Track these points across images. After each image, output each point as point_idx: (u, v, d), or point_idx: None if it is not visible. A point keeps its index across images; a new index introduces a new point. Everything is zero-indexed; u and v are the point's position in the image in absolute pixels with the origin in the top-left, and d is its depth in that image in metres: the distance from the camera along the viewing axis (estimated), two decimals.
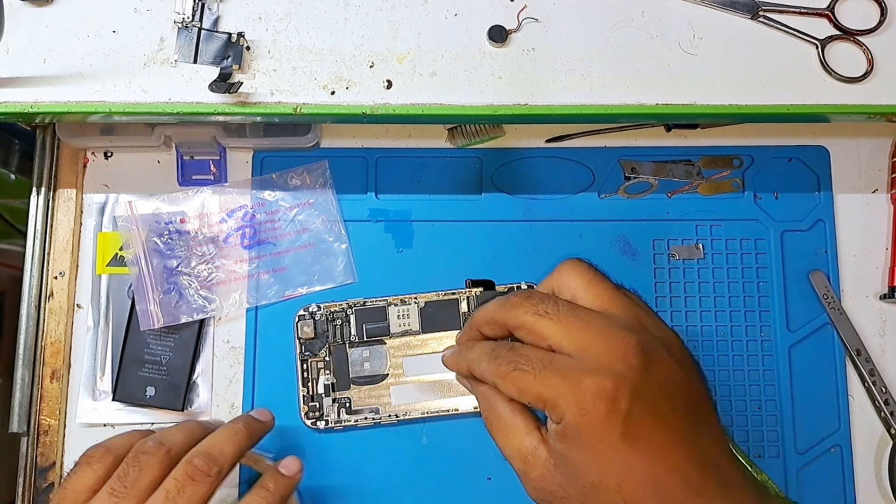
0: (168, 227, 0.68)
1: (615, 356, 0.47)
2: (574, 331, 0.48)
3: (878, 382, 0.68)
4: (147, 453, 0.53)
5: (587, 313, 0.49)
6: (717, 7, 0.61)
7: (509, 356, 0.49)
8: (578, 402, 0.46)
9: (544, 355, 0.48)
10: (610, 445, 0.46)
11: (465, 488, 0.66)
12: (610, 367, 0.46)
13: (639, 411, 0.46)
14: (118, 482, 0.52)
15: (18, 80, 0.58)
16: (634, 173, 0.71)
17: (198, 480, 0.53)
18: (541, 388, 0.47)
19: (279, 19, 0.60)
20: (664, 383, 0.47)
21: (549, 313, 0.49)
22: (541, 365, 0.48)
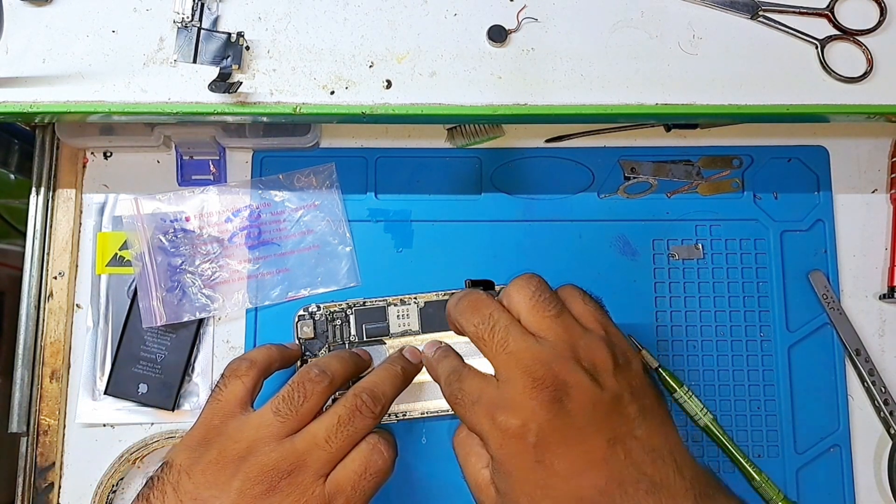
0: (173, 224, 0.68)
1: (527, 392, 0.51)
2: (499, 362, 0.53)
3: (877, 382, 0.68)
4: (312, 381, 0.57)
5: (517, 342, 0.53)
6: (717, 7, 0.61)
7: (455, 385, 0.55)
8: (495, 437, 0.51)
9: (476, 388, 0.53)
10: (529, 472, 0.50)
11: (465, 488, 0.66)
12: (521, 404, 0.51)
13: (549, 441, 0.50)
14: (284, 404, 0.55)
15: (18, 80, 0.58)
16: (634, 173, 0.71)
17: (364, 414, 0.56)
18: (471, 422, 0.53)
19: (279, 19, 0.60)
20: (577, 412, 0.50)
21: (484, 338, 0.54)
22: (471, 399, 0.53)
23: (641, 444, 0.51)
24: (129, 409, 0.67)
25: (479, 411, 0.52)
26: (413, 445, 0.67)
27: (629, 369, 0.54)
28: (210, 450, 0.54)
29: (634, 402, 0.52)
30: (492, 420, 0.51)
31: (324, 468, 0.54)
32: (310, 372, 0.57)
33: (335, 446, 0.54)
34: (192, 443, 0.55)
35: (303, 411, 0.55)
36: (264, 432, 0.54)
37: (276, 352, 0.61)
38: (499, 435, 0.51)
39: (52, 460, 0.67)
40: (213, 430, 0.56)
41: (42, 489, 0.67)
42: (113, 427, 0.68)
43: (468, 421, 0.54)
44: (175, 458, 0.55)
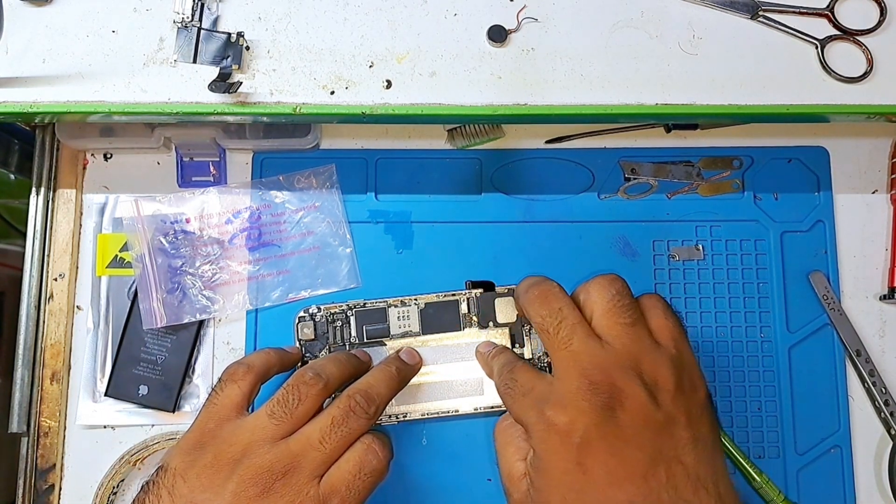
0: (174, 226, 0.68)
1: (580, 394, 0.51)
2: (558, 359, 0.53)
3: (878, 383, 0.68)
4: (307, 384, 0.57)
5: (581, 343, 0.53)
6: (717, 7, 0.61)
7: (506, 376, 0.57)
8: (540, 431, 0.51)
9: (528, 381, 0.55)
10: (566, 473, 0.50)
11: (465, 489, 0.66)
12: (572, 402, 0.51)
13: (594, 446, 0.50)
14: (279, 407, 0.56)
15: (18, 80, 0.58)
16: (634, 174, 0.71)
17: (357, 415, 0.56)
18: (518, 412, 0.54)
19: (279, 19, 0.60)
20: (626, 425, 0.50)
21: (548, 332, 0.54)
22: (522, 391, 0.54)
23: (686, 470, 0.51)
24: (130, 410, 0.67)
25: (528, 402, 0.53)
26: (413, 447, 0.66)
27: (692, 394, 0.54)
28: (205, 453, 0.54)
29: (689, 428, 0.52)
30: (539, 412, 0.52)
31: (318, 469, 0.54)
32: (305, 375, 0.58)
33: (329, 447, 0.54)
34: (187, 446, 0.55)
35: (297, 414, 0.56)
36: (259, 435, 0.54)
37: (274, 356, 0.62)
38: (544, 429, 0.51)
39: (53, 462, 0.67)
40: (208, 434, 0.56)
41: (42, 491, 0.66)
42: (113, 429, 0.68)
43: (515, 411, 0.55)
44: (170, 461, 0.55)
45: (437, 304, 0.67)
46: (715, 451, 0.53)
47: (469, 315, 0.66)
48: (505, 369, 0.57)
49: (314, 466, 0.54)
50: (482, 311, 0.66)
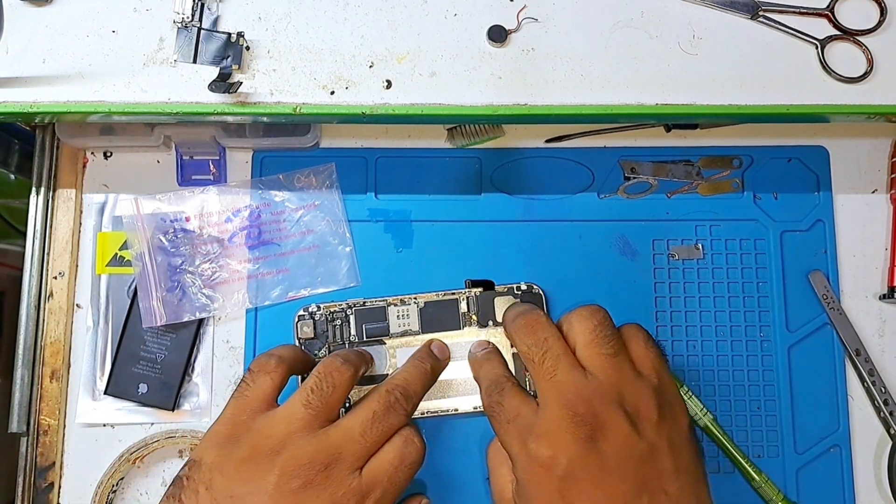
0: (173, 224, 0.68)
1: (563, 425, 0.51)
2: (542, 388, 0.54)
3: (877, 382, 0.68)
4: (339, 371, 0.57)
5: (565, 374, 0.53)
6: (717, 7, 0.61)
7: (495, 397, 0.56)
8: (523, 462, 0.52)
9: (515, 406, 0.55)
10: (549, 502, 0.51)
11: (465, 488, 0.66)
12: (556, 434, 0.51)
13: (577, 478, 0.50)
14: (314, 396, 0.55)
15: (18, 80, 0.58)
16: (634, 173, 0.70)
17: (397, 411, 0.57)
18: (503, 439, 0.55)
19: (279, 19, 0.60)
20: (609, 456, 0.51)
21: (533, 361, 0.55)
22: (507, 417, 0.54)
23: (670, 499, 0.51)
24: (129, 409, 0.67)
25: (512, 431, 0.53)
26: None
27: (673, 423, 0.54)
28: (241, 446, 0.54)
29: (671, 456, 0.52)
30: (523, 443, 0.52)
31: (359, 461, 0.54)
32: (335, 361, 0.58)
33: (370, 440, 0.54)
34: (219, 440, 0.55)
35: (332, 401, 0.55)
36: (296, 425, 0.54)
37: (300, 353, 0.62)
38: (526, 460, 0.52)
39: (52, 460, 0.67)
40: (241, 426, 0.55)
41: (42, 489, 0.67)
42: (113, 427, 0.68)
43: (500, 437, 0.55)
44: (203, 456, 0.54)
45: (437, 303, 0.67)
46: (698, 480, 0.53)
47: (468, 314, 0.66)
48: (493, 389, 0.57)
49: (355, 458, 0.54)
50: (482, 310, 0.66)
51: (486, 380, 0.59)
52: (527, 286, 0.67)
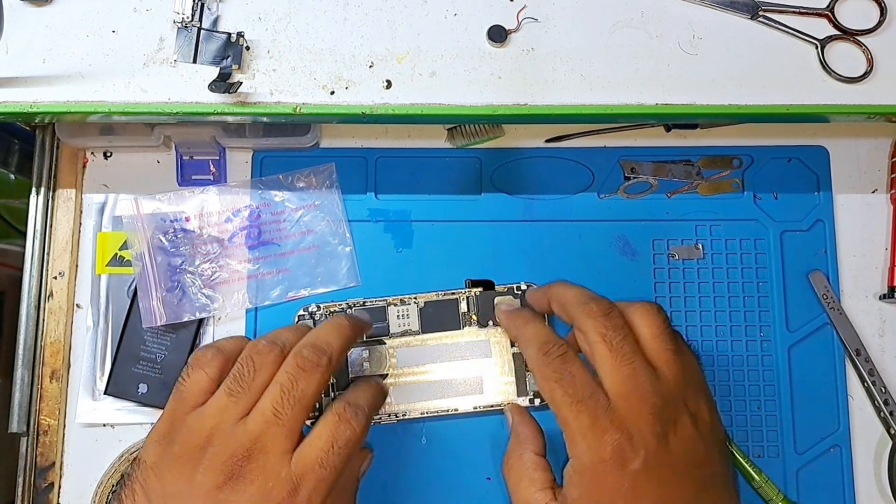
0: (173, 224, 0.68)
1: (644, 417, 0.50)
2: (620, 375, 0.51)
3: (877, 382, 0.68)
4: (260, 353, 0.54)
5: (641, 363, 0.52)
6: (717, 7, 0.61)
7: (558, 363, 0.53)
8: (597, 449, 0.50)
9: (587, 385, 0.52)
10: (615, 496, 0.49)
11: (465, 488, 0.66)
12: (636, 426, 0.50)
13: (646, 474, 0.49)
14: (234, 382, 0.52)
15: (18, 80, 0.58)
16: (634, 173, 0.70)
17: (308, 371, 0.52)
18: (570, 417, 0.51)
19: (279, 19, 0.60)
20: (676, 454, 0.50)
21: (612, 344, 0.52)
22: (580, 395, 0.51)
23: (722, 499, 0.52)
24: (129, 409, 0.67)
25: (585, 411, 0.51)
26: (413, 446, 0.66)
27: (721, 430, 0.55)
28: (173, 444, 0.52)
29: (723, 460, 0.53)
30: (599, 429, 0.50)
31: (284, 444, 0.51)
32: (258, 344, 0.55)
33: (286, 417, 0.51)
34: (157, 438, 0.53)
35: (255, 386, 0.52)
36: (221, 418, 0.51)
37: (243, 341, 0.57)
38: (601, 450, 0.50)
39: (52, 460, 0.67)
40: (176, 423, 0.53)
41: (42, 489, 0.67)
42: (113, 427, 0.68)
43: (563, 413, 0.52)
44: (144, 454, 0.53)
45: (437, 303, 0.67)
46: (736, 488, 0.55)
47: (469, 314, 0.66)
48: (554, 352, 0.54)
49: (279, 443, 0.50)
50: (482, 310, 0.66)
51: (535, 340, 0.56)
52: (527, 286, 0.67)
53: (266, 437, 0.50)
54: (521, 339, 0.59)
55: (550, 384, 0.53)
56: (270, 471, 0.50)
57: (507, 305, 0.64)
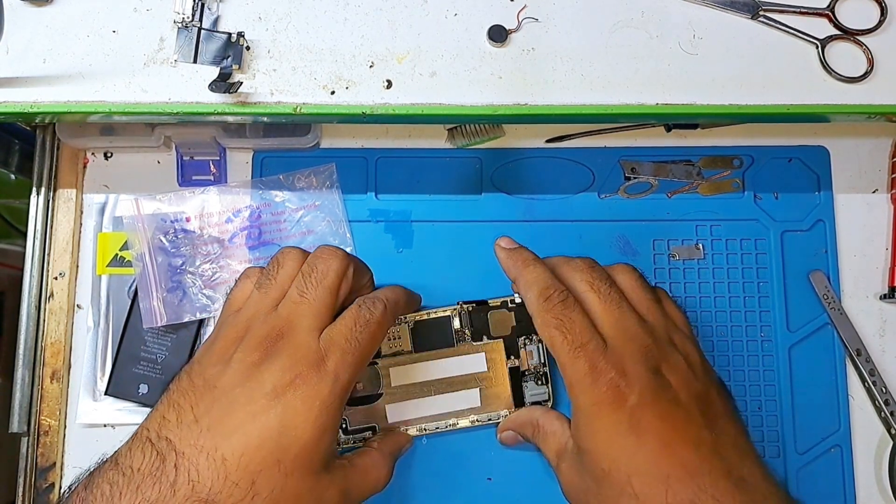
0: (174, 225, 0.68)
1: (636, 356, 0.52)
2: (611, 318, 0.54)
3: (878, 382, 0.68)
4: (285, 253, 0.58)
5: (627, 308, 0.55)
6: (717, 7, 0.61)
7: (559, 308, 0.55)
8: (593, 392, 0.52)
9: (585, 330, 0.54)
10: (618, 435, 0.51)
11: (465, 489, 0.66)
12: (628, 364, 0.52)
13: (647, 409, 0.51)
14: (263, 277, 0.57)
15: (18, 80, 0.58)
16: (634, 173, 0.70)
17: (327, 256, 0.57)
18: (568, 362, 0.53)
19: (279, 19, 0.60)
20: (674, 390, 0.52)
21: (600, 291, 0.56)
22: (578, 342, 0.53)
23: (730, 440, 0.52)
24: (130, 409, 0.67)
25: (581, 356, 0.53)
26: (414, 447, 0.66)
27: (713, 373, 0.56)
28: (216, 341, 0.56)
29: (720, 400, 0.54)
30: (596, 372, 0.52)
31: (312, 322, 0.54)
32: (285, 248, 0.59)
33: (311, 297, 0.55)
34: (204, 343, 0.58)
35: (280, 278, 0.56)
36: (254, 309, 0.56)
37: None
38: (599, 391, 0.52)
39: (53, 461, 0.67)
40: (220, 326, 0.57)
41: (42, 489, 0.67)
42: (113, 427, 0.68)
43: (562, 359, 0.54)
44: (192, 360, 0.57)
45: (428, 322, 0.65)
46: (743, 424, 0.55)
47: (462, 329, 0.65)
48: (555, 301, 0.55)
49: (308, 321, 0.54)
50: (475, 326, 0.65)
51: (536, 284, 0.57)
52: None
53: (294, 317, 0.54)
54: (521, 282, 0.59)
55: (550, 330, 0.54)
56: (300, 344, 0.53)
57: (507, 242, 0.63)
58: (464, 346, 0.65)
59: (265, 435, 0.50)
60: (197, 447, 0.49)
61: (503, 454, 0.66)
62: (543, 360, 0.64)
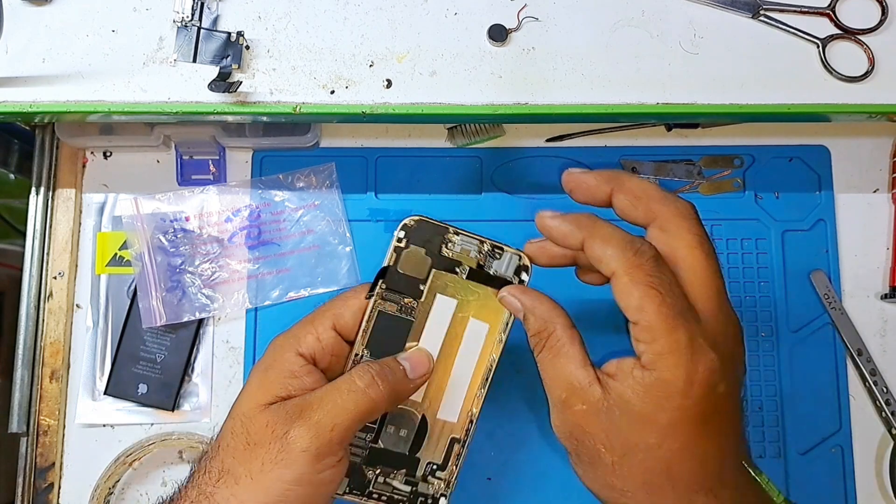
0: (173, 224, 0.68)
1: (731, 341, 0.46)
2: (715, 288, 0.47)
3: (878, 382, 0.68)
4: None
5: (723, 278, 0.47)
6: (718, 6, 0.61)
7: (652, 265, 0.46)
8: (689, 369, 0.44)
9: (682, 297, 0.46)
10: (690, 419, 0.45)
11: (465, 488, 0.66)
12: (725, 349, 0.45)
13: (722, 403, 0.46)
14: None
15: (18, 80, 0.58)
16: (635, 173, 0.70)
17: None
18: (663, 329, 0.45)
19: (278, 18, 0.60)
20: (738, 379, 0.47)
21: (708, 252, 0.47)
22: (679, 308, 0.45)
23: (745, 441, 0.50)
24: (129, 409, 0.67)
25: (683, 329, 0.44)
26: None
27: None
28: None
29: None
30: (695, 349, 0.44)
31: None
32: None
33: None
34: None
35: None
36: None
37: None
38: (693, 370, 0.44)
39: (52, 460, 0.67)
40: None
41: (42, 489, 0.66)
42: (113, 427, 0.68)
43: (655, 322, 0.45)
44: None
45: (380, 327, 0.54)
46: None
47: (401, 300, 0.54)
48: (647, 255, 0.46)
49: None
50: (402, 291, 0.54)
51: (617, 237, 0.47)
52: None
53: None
54: (596, 239, 0.48)
55: (645, 289, 0.45)
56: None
57: (552, 213, 0.53)
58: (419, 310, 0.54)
59: None
60: None
61: (503, 454, 0.66)
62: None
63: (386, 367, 0.51)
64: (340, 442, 0.49)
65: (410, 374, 0.52)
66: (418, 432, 0.54)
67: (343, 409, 0.49)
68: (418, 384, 0.53)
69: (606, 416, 0.47)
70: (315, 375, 0.51)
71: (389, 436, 0.54)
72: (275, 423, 0.48)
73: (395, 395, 0.51)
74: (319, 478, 0.48)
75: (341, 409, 0.49)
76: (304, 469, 0.47)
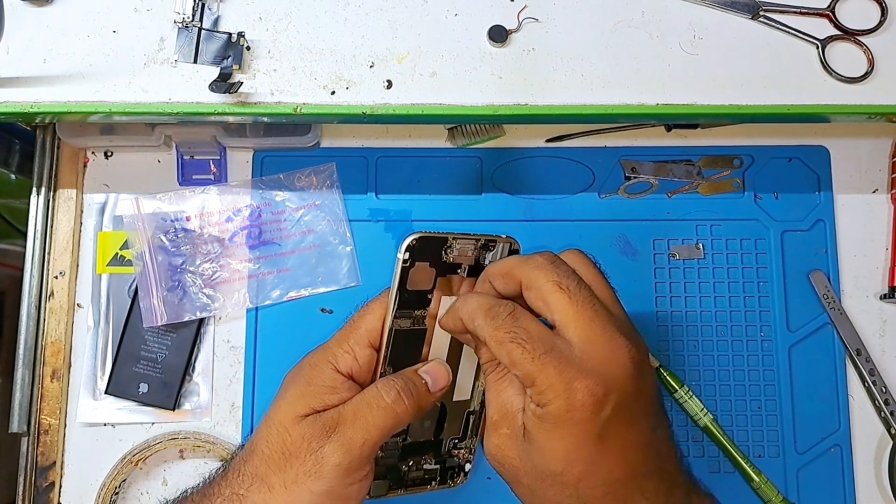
0: (174, 224, 0.68)
1: (612, 361, 0.48)
2: (584, 319, 0.49)
3: (878, 382, 0.68)
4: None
5: (599, 305, 0.49)
6: (718, 7, 0.61)
7: (508, 323, 0.50)
8: (567, 398, 0.47)
9: (545, 336, 0.49)
10: (584, 443, 0.48)
11: (465, 488, 0.66)
12: (605, 371, 0.48)
13: (617, 418, 0.48)
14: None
15: (18, 80, 0.58)
16: (635, 173, 0.70)
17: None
18: (534, 371, 0.48)
19: (279, 19, 0.60)
20: (642, 393, 0.49)
21: (569, 290, 0.49)
22: (541, 348, 0.48)
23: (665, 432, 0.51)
24: (130, 408, 0.67)
25: (551, 364, 0.47)
26: None
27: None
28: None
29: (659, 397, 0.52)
30: (570, 380, 0.47)
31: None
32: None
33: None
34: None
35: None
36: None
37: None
38: (572, 398, 0.47)
39: (53, 460, 0.67)
40: None
41: (43, 489, 0.67)
42: (114, 426, 0.68)
43: (527, 368, 0.48)
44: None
45: (402, 341, 0.57)
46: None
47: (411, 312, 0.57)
48: (503, 316, 0.50)
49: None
50: (409, 297, 0.56)
51: (479, 310, 0.51)
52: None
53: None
54: (465, 317, 0.52)
55: (507, 346, 0.49)
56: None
57: (440, 315, 0.56)
58: (429, 315, 0.57)
59: None
60: None
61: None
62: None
63: (410, 382, 0.55)
64: (368, 457, 0.53)
65: (432, 388, 0.56)
66: (439, 419, 0.59)
67: (373, 425, 0.53)
68: (439, 396, 0.57)
69: (522, 444, 0.51)
70: (353, 391, 0.55)
71: (416, 430, 0.59)
72: (311, 437, 0.52)
73: (418, 409, 0.55)
74: (347, 491, 0.53)
75: (371, 425, 0.53)
76: (335, 483, 0.52)
